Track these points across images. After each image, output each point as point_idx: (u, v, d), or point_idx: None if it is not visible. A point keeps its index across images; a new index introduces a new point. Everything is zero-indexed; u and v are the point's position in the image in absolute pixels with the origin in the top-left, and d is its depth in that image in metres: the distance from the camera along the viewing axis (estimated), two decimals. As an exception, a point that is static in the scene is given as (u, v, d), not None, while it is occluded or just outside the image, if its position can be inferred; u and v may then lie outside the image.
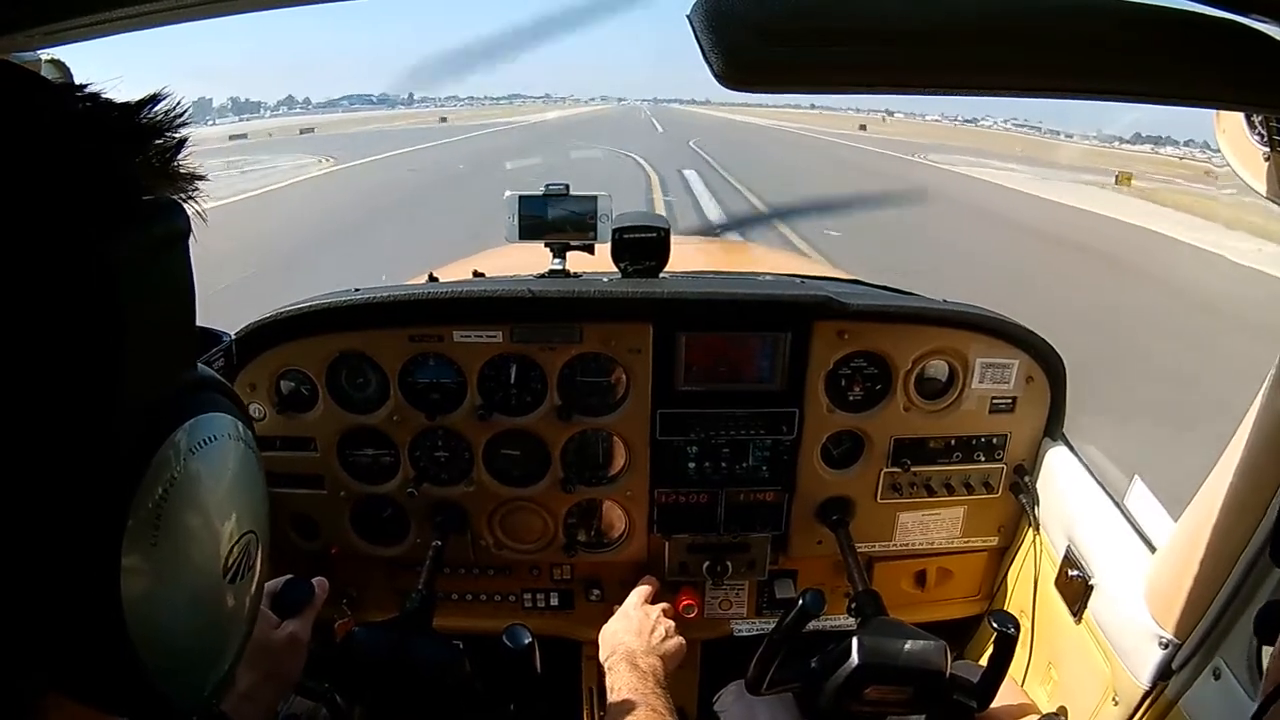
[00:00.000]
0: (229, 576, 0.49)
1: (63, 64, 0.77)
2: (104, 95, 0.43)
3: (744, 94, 0.55)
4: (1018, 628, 1.07)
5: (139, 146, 0.43)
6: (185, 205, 0.47)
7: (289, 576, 0.95)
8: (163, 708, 0.45)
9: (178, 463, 0.44)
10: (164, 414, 0.45)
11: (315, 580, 0.95)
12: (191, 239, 0.47)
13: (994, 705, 1.10)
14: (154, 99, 0.44)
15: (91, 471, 0.40)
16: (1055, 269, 8.06)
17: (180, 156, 0.45)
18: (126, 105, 0.43)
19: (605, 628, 1.29)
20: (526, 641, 1.08)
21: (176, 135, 0.44)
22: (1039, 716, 1.10)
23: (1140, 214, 12.50)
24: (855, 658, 1.04)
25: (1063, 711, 1.24)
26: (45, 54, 0.73)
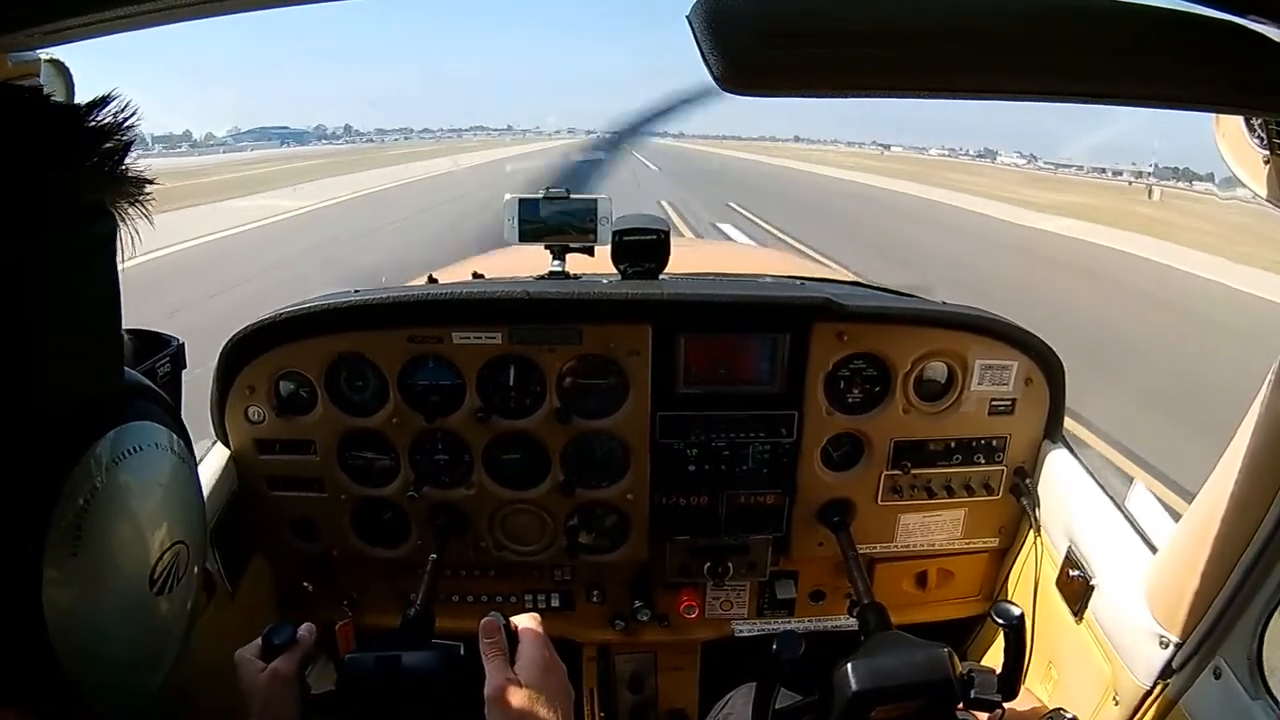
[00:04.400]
0: (156, 588, 0.48)
1: (62, 64, 0.76)
2: (52, 99, 0.43)
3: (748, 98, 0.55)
4: (1022, 616, 1.07)
5: (86, 150, 0.42)
6: (128, 209, 0.45)
7: (272, 625, 0.96)
8: (99, 715, 0.45)
9: (99, 473, 0.43)
10: (86, 422, 0.44)
11: (304, 625, 0.96)
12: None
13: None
14: (102, 101, 0.43)
15: (8, 481, 0.39)
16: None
17: (129, 159, 0.44)
18: (74, 109, 0.42)
19: (509, 694, 0.84)
20: None
21: (124, 138, 0.44)
22: (1046, 713, 1.10)
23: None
24: (852, 684, 1.02)
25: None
26: (45, 54, 0.73)
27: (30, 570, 0.39)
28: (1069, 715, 1.13)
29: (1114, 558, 1.22)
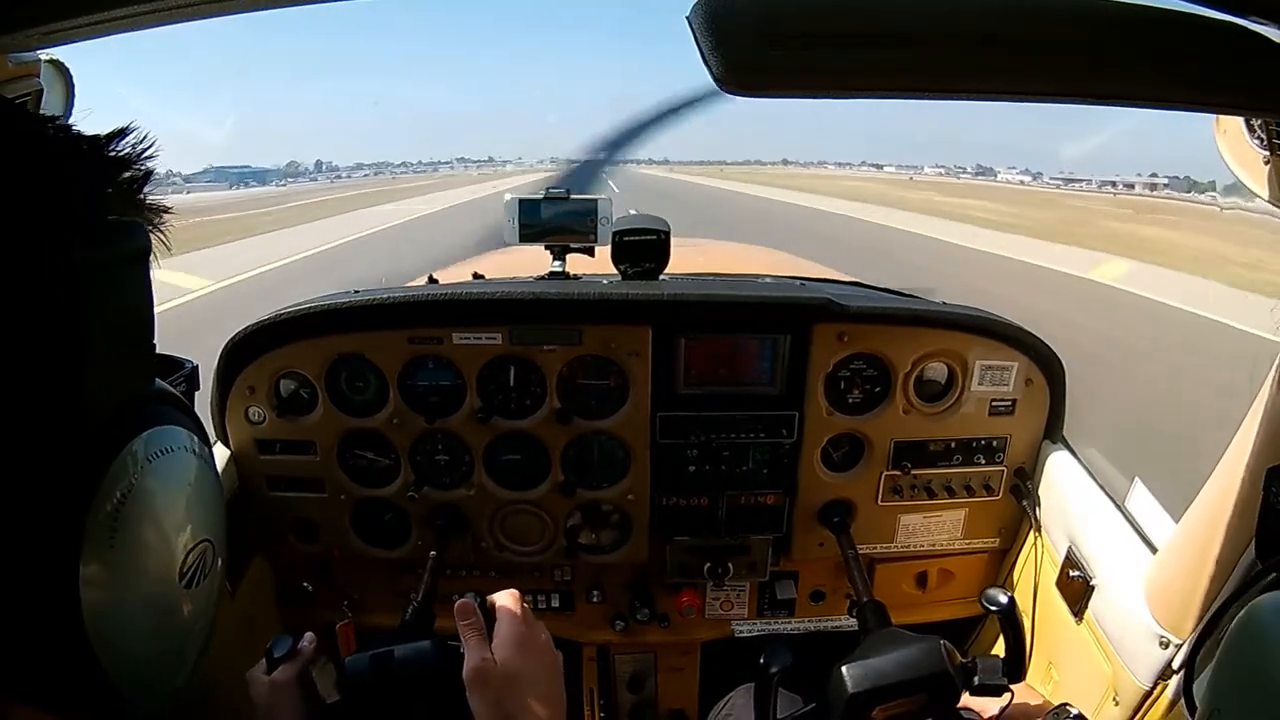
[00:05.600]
0: (185, 582, 0.50)
1: (62, 64, 0.77)
2: (75, 128, 0.45)
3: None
4: (1011, 600, 1.05)
5: (108, 177, 0.45)
6: (149, 231, 0.48)
7: (273, 639, 0.97)
8: (124, 712, 0.46)
9: (135, 471, 0.45)
10: (122, 423, 0.46)
11: (305, 636, 0.97)
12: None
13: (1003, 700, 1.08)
14: (122, 133, 0.45)
15: (50, 478, 0.40)
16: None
17: (147, 188, 0.47)
18: (95, 139, 0.45)
19: (489, 671, 0.80)
20: None
21: (144, 168, 0.46)
22: (1051, 709, 1.09)
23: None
24: (848, 686, 1.01)
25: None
26: (45, 54, 0.73)
27: (69, 566, 0.41)
28: (1074, 711, 1.13)
29: (1114, 558, 1.22)
